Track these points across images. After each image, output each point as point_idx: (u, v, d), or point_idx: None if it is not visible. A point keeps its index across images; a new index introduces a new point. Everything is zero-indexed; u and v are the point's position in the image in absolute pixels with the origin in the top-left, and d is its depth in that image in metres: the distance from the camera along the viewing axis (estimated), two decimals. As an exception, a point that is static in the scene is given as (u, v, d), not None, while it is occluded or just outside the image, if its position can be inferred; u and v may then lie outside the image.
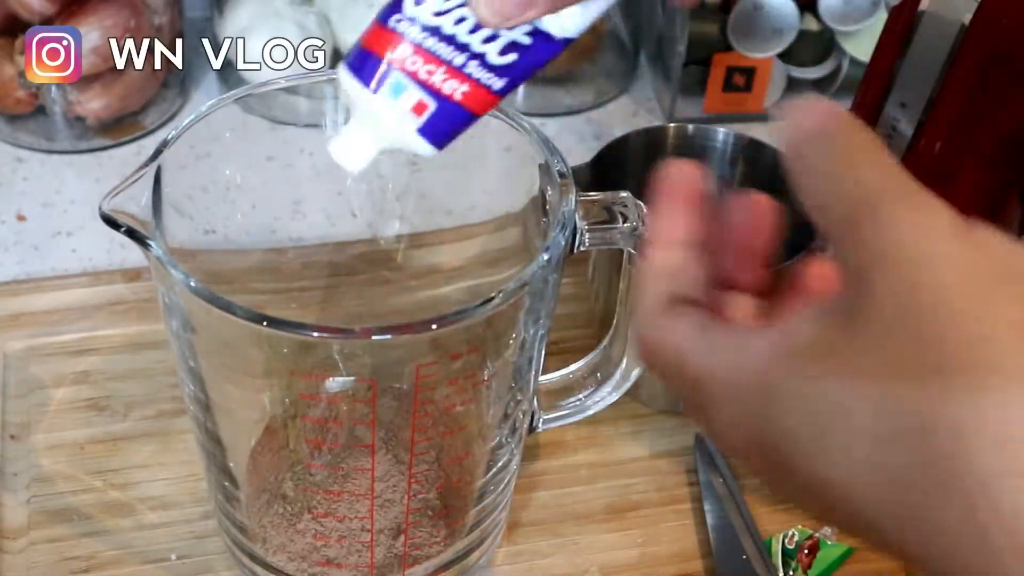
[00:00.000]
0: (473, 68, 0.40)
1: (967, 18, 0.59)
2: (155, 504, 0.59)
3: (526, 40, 0.40)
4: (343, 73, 0.41)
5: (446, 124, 0.41)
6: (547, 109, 0.84)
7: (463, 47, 0.40)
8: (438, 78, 0.40)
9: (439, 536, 0.54)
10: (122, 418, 0.63)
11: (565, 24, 0.40)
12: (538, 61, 0.40)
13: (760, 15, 0.79)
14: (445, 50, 0.40)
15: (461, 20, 0.39)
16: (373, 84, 0.40)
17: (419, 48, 0.40)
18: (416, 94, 0.40)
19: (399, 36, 0.40)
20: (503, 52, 0.40)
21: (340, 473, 0.53)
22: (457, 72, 0.40)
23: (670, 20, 0.83)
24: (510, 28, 0.40)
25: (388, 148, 0.42)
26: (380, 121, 0.41)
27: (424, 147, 0.41)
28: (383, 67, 0.40)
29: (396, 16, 0.40)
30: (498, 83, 0.40)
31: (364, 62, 0.40)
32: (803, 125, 0.31)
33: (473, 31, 0.39)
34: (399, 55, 0.40)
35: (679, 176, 0.37)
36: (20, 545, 0.57)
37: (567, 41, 0.40)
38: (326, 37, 0.80)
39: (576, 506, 0.60)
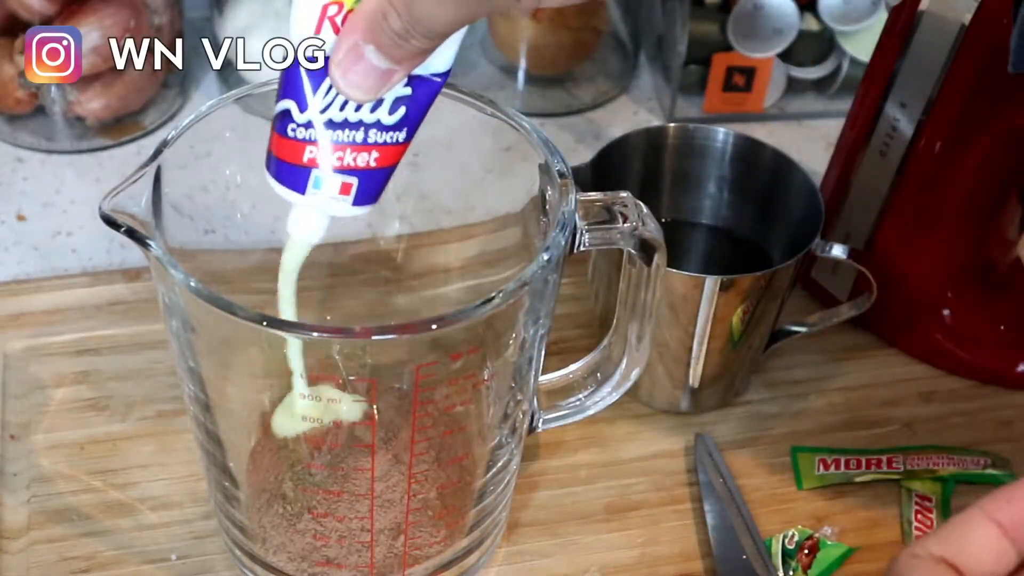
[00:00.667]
0: (374, 136, 0.43)
1: (967, 18, 0.59)
2: (155, 504, 0.59)
3: (407, 91, 0.43)
4: (271, 181, 0.45)
5: (373, 187, 0.45)
6: (547, 109, 0.84)
7: (357, 125, 0.43)
8: (349, 159, 0.43)
9: (439, 536, 0.54)
10: (122, 418, 0.63)
11: (435, 64, 0.43)
12: (427, 101, 0.43)
13: (760, 15, 0.79)
14: (344, 135, 0.43)
15: (344, 104, 0.42)
16: (299, 188, 0.44)
17: (323, 145, 0.43)
18: (338, 179, 0.44)
19: (301, 143, 0.43)
20: (392, 111, 0.43)
21: (340, 473, 0.53)
22: (363, 146, 0.43)
23: (670, 20, 0.83)
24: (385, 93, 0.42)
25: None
26: (318, 210, 0.45)
27: (362, 211, 0.45)
28: (301, 172, 0.43)
29: (291, 125, 0.43)
30: (400, 135, 0.44)
31: (283, 171, 0.44)
32: None
33: (358, 108, 0.42)
34: (309, 157, 0.43)
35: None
36: (20, 545, 0.57)
37: (447, 74, 0.43)
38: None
39: (576, 506, 0.60)
